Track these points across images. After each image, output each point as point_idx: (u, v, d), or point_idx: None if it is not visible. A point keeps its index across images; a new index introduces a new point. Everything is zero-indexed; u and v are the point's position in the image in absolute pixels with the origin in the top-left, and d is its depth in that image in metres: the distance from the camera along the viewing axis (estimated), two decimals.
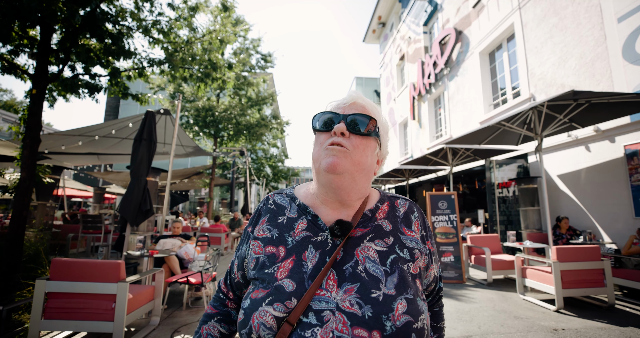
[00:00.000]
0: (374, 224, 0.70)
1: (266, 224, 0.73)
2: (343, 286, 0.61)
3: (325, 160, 0.64)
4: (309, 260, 0.65)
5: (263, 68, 12.92)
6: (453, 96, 10.46)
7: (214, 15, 6.68)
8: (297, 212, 0.73)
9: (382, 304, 0.59)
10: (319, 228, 0.69)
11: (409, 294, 0.62)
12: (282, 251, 0.67)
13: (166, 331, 3.25)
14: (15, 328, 3.01)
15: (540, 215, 6.54)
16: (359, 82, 29.37)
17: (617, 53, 5.25)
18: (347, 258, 0.65)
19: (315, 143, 0.70)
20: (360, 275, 0.62)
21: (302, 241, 0.68)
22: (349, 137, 0.66)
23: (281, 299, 0.60)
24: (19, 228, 3.44)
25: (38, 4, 3.08)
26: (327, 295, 0.60)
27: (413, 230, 0.72)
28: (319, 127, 0.69)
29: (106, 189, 13.87)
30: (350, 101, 0.70)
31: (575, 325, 3.42)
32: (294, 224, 0.71)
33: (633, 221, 5.00)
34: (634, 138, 5.05)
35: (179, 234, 5.19)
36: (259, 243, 0.71)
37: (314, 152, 0.69)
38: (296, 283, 0.62)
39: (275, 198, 0.78)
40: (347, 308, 0.59)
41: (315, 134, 0.71)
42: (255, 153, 19.38)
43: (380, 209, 0.73)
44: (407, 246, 0.69)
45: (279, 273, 0.64)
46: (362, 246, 0.66)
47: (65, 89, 4.24)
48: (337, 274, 0.63)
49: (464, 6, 9.90)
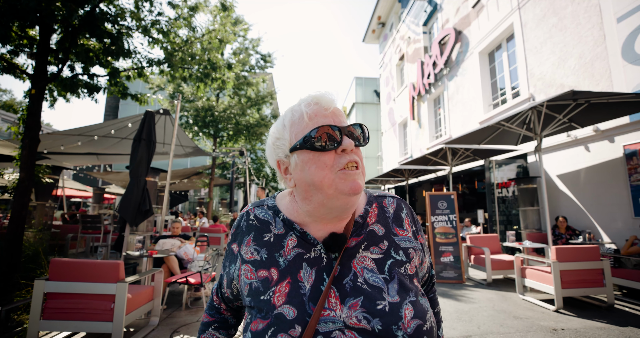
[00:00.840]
0: (367, 230, 0.67)
1: (252, 244, 0.67)
2: (346, 302, 0.58)
3: (345, 184, 0.58)
4: (306, 280, 0.61)
5: (262, 68, 12.91)
6: (452, 96, 10.46)
7: (214, 15, 6.68)
8: (283, 228, 0.67)
9: (390, 314, 0.57)
10: (309, 244, 0.65)
11: (411, 297, 0.60)
12: (274, 274, 0.62)
13: (165, 331, 3.24)
14: (14, 328, 3.00)
15: (539, 215, 6.54)
16: (358, 82, 29.38)
17: (616, 53, 5.26)
18: (345, 271, 0.61)
19: (314, 165, 0.59)
20: (362, 288, 0.60)
21: (294, 260, 0.63)
22: (355, 151, 0.62)
23: (284, 329, 0.56)
24: (18, 228, 3.43)
25: (37, 4, 3.07)
26: (331, 314, 0.57)
27: (405, 229, 0.70)
28: (318, 147, 0.59)
29: (105, 190, 13.86)
30: (331, 107, 0.62)
31: (574, 325, 3.42)
32: (283, 241, 0.66)
33: (632, 221, 5.00)
34: (633, 138, 5.05)
35: (179, 234, 5.19)
36: (249, 266, 0.65)
37: (318, 176, 0.59)
38: (297, 309, 0.58)
39: (256, 212, 0.71)
40: (355, 324, 0.56)
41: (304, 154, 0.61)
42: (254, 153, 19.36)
43: (370, 213, 0.70)
44: (402, 247, 0.67)
45: (275, 299, 0.60)
46: (358, 256, 0.63)
47: (65, 89, 4.23)
48: (337, 290, 0.59)
49: (464, 6, 9.90)
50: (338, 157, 0.60)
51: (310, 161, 0.60)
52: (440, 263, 5.72)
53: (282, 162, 0.67)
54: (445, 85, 10.93)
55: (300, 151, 0.61)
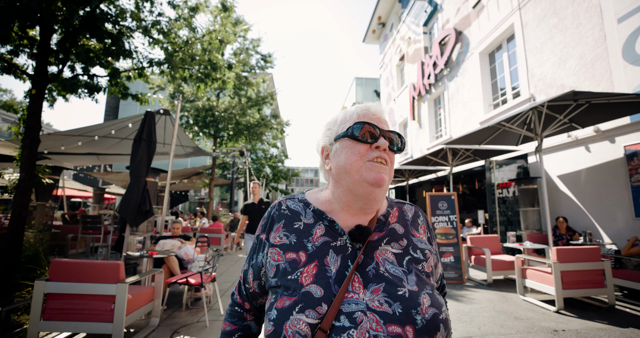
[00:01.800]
0: (389, 228, 0.74)
1: (282, 230, 0.73)
2: (369, 287, 0.63)
3: (370, 174, 0.66)
4: (332, 265, 0.66)
5: (263, 68, 12.92)
6: (453, 96, 10.46)
7: (214, 15, 6.68)
8: (313, 218, 0.74)
9: (410, 300, 0.61)
10: (337, 233, 0.70)
11: (428, 290, 0.65)
12: (303, 257, 0.67)
13: (166, 332, 3.24)
14: (14, 329, 3.00)
15: (540, 216, 6.53)
16: (358, 83, 29.37)
17: (617, 53, 5.25)
18: (368, 260, 0.67)
19: (349, 150, 0.69)
20: (384, 275, 0.65)
21: (322, 246, 0.68)
22: (387, 153, 0.70)
23: (312, 305, 0.60)
24: (18, 229, 3.43)
25: (37, 4, 3.07)
26: (355, 297, 0.61)
27: (420, 233, 0.77)
28: (359, 137, 0.69)
29: (106, 190, 13.86)
30: (379, 115, 0.74)
31: (575, 326, 3.42)
32: (312, 229, 0.71)
33: (633, 222, 5.00)
34: (634, 139, 5.04)
35: (179, 234, 5.19)
36: (277, 250, 0.70)
37: (349, 161, 0.69)
38: (323, 289, 0.62)
39: (288, 203, 0.78)
40: (377, 307, 0.60)
41: (345, 141, 0.71)
42: (255, 153, 19.38)
43: (391, 214, 0.77)
44: (419, 247, 0.73)
45: (303, 278, 0.64)
46: (380, 249, 0.69)
47: (65, 89, 4.23)
48: (361, 276, 0.64)
49: (464, 6, 9.90)
50: (371, 150, 0.69)
51: (347, 147, 0.70)
52: (441, 264, 5.71)
53: (326, 148, 0.77)
54: (445, 85, 10.93)
55: (342, 139, 0.72)
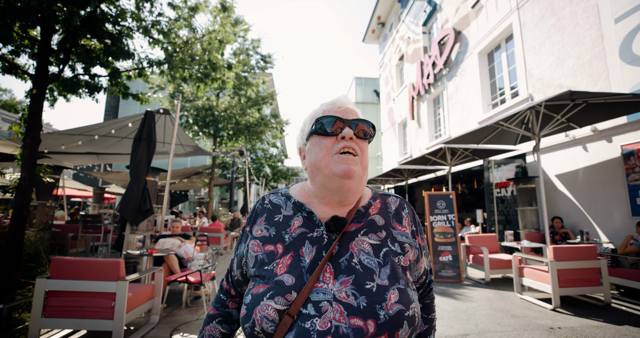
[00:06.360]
0: (368, 219, 0.74)
1: (264, 223, 0.75)
2: (339, 278, 0.64)
3: (338, 166, 0.66)
4: (306, 255, 0.67)
5: (263, 69, 12.92)
6: (452, 96, 10.48)
7: (214, 15, 6.70)
8: (292, 210, 0.75)
9: (376, 295, 0.62)
10: (314, 224, 0.72)
11: (400, 284, 0.65)
12: (280, 248, 0.69)
13: (165, 329, 3.27)
14: (16, 326, 3.03)
15: (538, 215, 6.57)
16: (358, 82, 29.38)
17: (614, 53, 5.28)
18: (343, 251, 0.68)
19: (316, 147, 0.71)
20: (355, 268, 0.65)
21: (298, 237, 0.70)
22: (355, 142, 0.70)
23: (282, 293, 0.62)
24: (19, 228, 3.46)
25: (38, 4, 3.10)
26: (324, 287, 0.63)
27: (404, 225, 0.76)
28: (322, 131, 0.70)
29: (106, 189, 13.86)
30: (344, 106, 0.74)
31: (571, 323, 3.45)
32: (290, 221, 0.73)
33: (630, 221, 5.03)
34: (631, 138, 5.07)
35: (179, 233, 5.21)
36: (257, 241, 0.73)
37: (318, 157, 0.69)
38: (295, 277, 0.64)
39: (270, 198, 0.80)
40: (343, 299, 0.62)
41: (313, 138, 0.72)
42: (254, 153, 19.38)
43: (372, 205, 0.77)
44: (398, 240, 0.72)
45: (278, 269, 0.66)
46: (356, 240, 0.70)
47: (66, 89, 4.26)
48: (333, 267, 0.65)
49: (463, 6, 9.93)
50: (337, 142, 0.69)
51: (315, 144, 0.71)
52: (439, 263, 5.75)
53: (302, 149, 0.79)
54: (444, 85, 10.96)
55: (311, 137, 0.73)
